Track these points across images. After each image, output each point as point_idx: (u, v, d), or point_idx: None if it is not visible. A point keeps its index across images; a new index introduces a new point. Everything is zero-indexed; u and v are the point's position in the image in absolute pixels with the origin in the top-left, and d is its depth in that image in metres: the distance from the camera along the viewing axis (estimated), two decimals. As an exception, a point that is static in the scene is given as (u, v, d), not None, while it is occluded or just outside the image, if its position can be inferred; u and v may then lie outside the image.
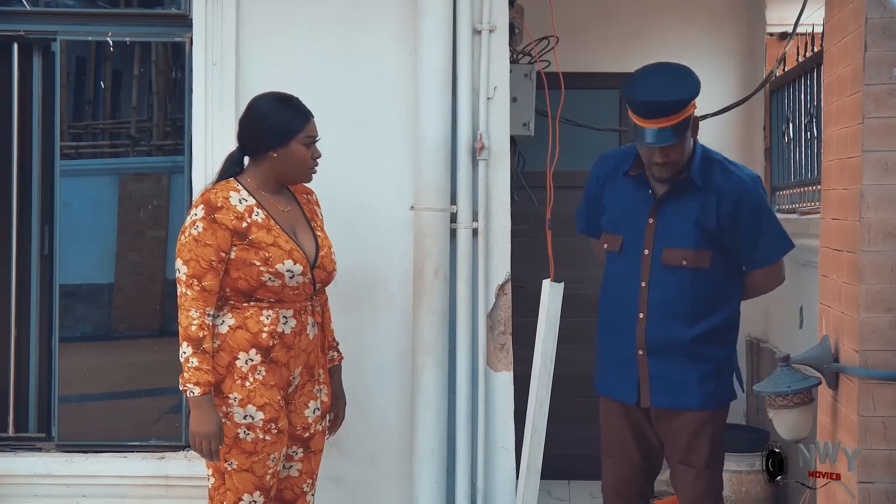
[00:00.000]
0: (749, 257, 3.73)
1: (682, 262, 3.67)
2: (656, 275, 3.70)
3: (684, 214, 3.69)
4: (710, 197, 3.67)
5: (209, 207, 3.67)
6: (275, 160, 3.76)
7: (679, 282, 3.68)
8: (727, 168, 3.76)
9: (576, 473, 6.26)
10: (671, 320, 3.69)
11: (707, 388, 3.71)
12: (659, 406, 3.73)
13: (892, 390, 3.22)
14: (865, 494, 3.24)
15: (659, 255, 3.69)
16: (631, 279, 3.74)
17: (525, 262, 4.88)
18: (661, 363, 3.71)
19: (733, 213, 3.67)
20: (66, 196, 4.82)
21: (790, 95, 5.82)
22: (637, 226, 3.74)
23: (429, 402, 4.50)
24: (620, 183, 3.81)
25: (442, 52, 4.53)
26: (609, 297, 3.85)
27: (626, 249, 3.75)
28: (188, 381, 3.58)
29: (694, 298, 3.68)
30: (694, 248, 3.67)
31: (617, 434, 3.84)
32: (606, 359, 3.87)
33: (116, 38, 4.85)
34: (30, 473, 4.74)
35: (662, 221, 3.71)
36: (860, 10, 3.25)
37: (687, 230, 3.68)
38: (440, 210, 4.52)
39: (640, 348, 3.73)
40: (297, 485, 3.89)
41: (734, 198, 3.67)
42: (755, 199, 3.72)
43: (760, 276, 3.80)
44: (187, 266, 3.64)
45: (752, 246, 3.71)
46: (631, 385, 3.75)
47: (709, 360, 3.71)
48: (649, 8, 6.68)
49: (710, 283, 3.69)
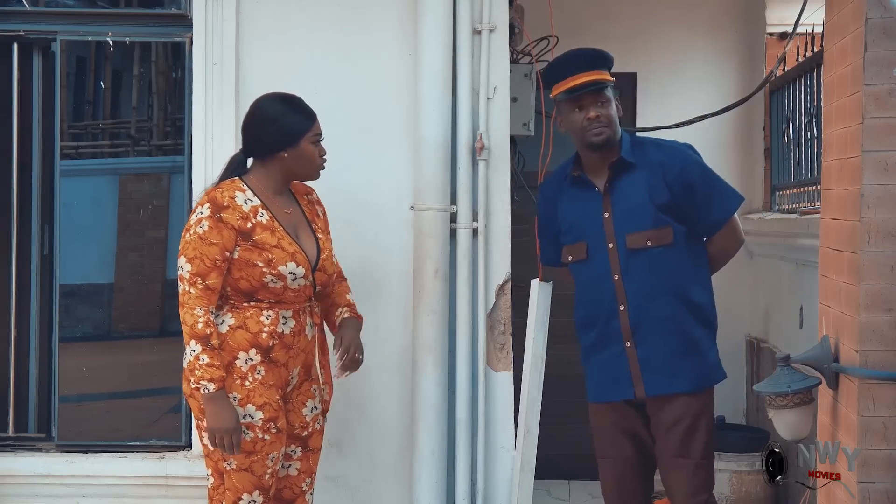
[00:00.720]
0: (706, 219, 3.79)
1: (647, 243, 3.73)
2: (626, 263, 3.75)
3: (635, 197, 3.75)
4: (655, 172, 3.76)
5: (215, 206, 3.68)
6: (285, 160, 3.78)
7: (649, 263, 3.74)
8: (659, 143, 3.88)
9: (576, 473, 6.26)
10: (651, 302, 3.74)
11: (695, 367, 3.75)
12: (654, 394, 3.74)
13: (892, 390, 3.22)
14: (865, 494, 3.23)
15: (623, 244, 3.74)
16: (604, 278, 3.78)
17: (525, 262, 4.88)
18: (648, 350, 3.74)
19: (681, 179, 3.75)
20: (66, 196, 4.82)
21: (790, 95, 5.82)
22: (595, 224, 3.79)
23: (429, 402, 4.50)
24: (568, 194, 3.88)
25: (442, 52, 4.53)
26: (586, 302, 3.87)
27: (591, 252, 3.80)
28: (201, 378, 3.59)
29: (667, 277, 3.74)
30: (654, 228, 3.73)
31: (610, 435, 3.85)
32: (595, 365, 3.88)
33: (116, 38, 4.85)
34: (30, 473, 4.74)
35: (617, 211, 3.76)
36: (860, 10, 3.25)
37: (643, 211, 3.74)
38: (440, 210, 4.52)
39: (626, 340, 3.76)
40: (295, 484, 3.90)
41: (677, 166, 3.76)
42: (697, 162, 3.82)
43: (720, 240, 3.85)
44: (191, 264, 3.64)
45: (707, 207, 3.78)
46: (625, 380, 3.77)
47: (694, 337, 3.75)
48: (649, 8, 6.69)
49: (678, 258, 3.75)
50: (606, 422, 3.86)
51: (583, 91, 3.74)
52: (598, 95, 3.75)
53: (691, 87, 6.73)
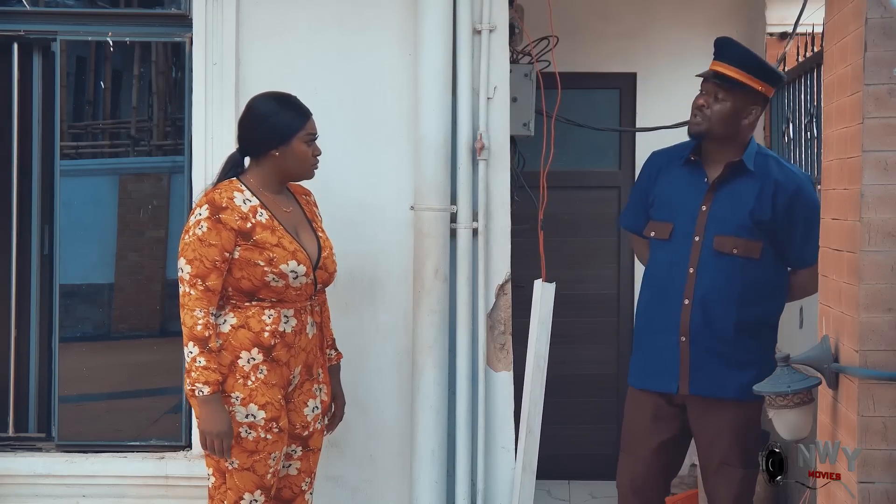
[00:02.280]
0: (799, 254, 3.75)
1: (733, 250, 3.70)
2: (706, 261, 3.71)
3: (739, 203, 3.71)
4: (767, 188, 3.72)
5: (214, 207, 3.68)
6: (277, 159, 3.77)
7: (728, 270, 3.70)
8: (783, 164, 3.84)
9: (576, 473, 6.27)
10: (717, 308, 3.71)
11: (746, 379, 3.71)
12: (698, 394, 3.72)
13: (892, 390, 3.22)
14: (865, 494, 3.23)
15: (710, 242, 3.71)
16: (679, 266, 3.74)
17: (525, 262, 4.89)
18: (702, 351, 3.72)
19: (789, 207, 3.71)
20: (66, 196, 4.82)
21: (790, 95, 5.82)
22: (689, 212, 3.76)
23: (429, 402, 4.50)
24: (675, 173, 3.85)
25: (442, 52, 4.53)
26: (653, 284, 3.84)
27: (675, 236, 3.77)
28: (196, 380, 3.59)
29: (742, 288, 3.70)
30: (746, 238, 3.70)
31: (640, 429, 3.83)
32: (645, 349, 3.85)
33: (116, 38, 4.85)
34: (30, 473, 4.74)
35: (716, 208, 3.73)
36: (860, 10, 3.24)
37: (741, 219, 3.71)
38: (440, 210, 4.52)
39: (683, 335, 3.73)
40: (295, 483, 3.90)
41: (791, 192, 3.72)
42: (811, 198, 3.78)
43: (806, 275, 3.81)
44: (191, 266, 3.64)
45: (804, 243, 3.74)
46: (671, 373, 3.75)
47: (750, 351, 3.74)
48: (649, 8, 6.68)
49: (758, 274, 3.71)
50: (641, 415, 3.83)
51: (706, 77, 3.75)
52: (717, 88, 3.72)
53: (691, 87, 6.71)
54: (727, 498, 3.75)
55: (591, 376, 6.41)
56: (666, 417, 3.79)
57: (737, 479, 3.74)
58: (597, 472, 6.03)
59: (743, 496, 3.77)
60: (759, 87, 3.71)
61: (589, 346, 6.43)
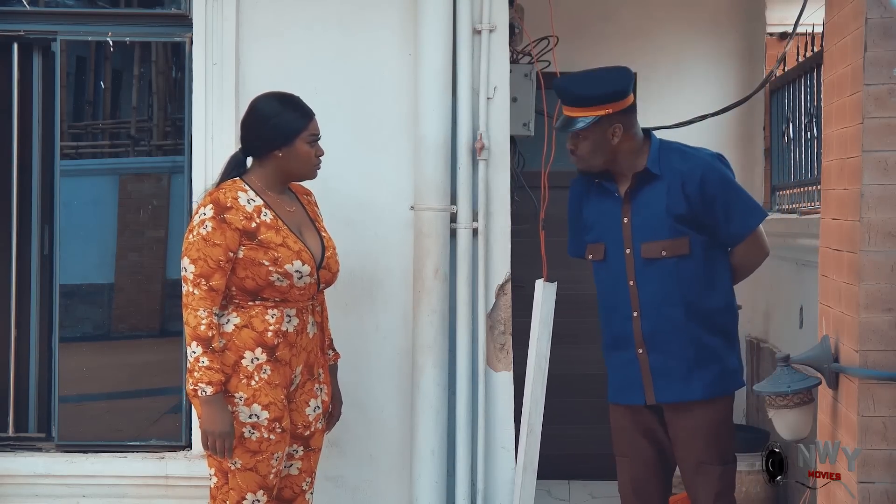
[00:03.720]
0: (727, 231, 3.78)
1: (661, 253, 3.73)
2: (641, 271, 3.75)
3: (653, 206, 3.75)
4: (675, 182, 3.74)
5: (218, 207, 3.68)
6: (280, 159, 3.78)
7: (663, 273, 3.74)
8: (686, 152, 3.84)
9: (576, 473, 6.26)
10: (664, 312, 3.74)
11: (708, 376, 3.75)
12: (664, 402, 3.75)
13: (892, 390, 3.22)
14: (865, 494, 3.23)
15: (639, 251, 3.74)
16: (619, 281, 3.79)
17: (525, 262, 4.89)
18: (661, 357, 3.75)
19: (700, 191, 3.73)
20: (66, 196, 4.82)
21: (790, 95, 5.82)
22: (614, 228, 3.80)
23: (429, 402, 4.50)
24: (594, 195, 3.89)
25: (442, 52, 4.53)
26: (603, 304, 3.91)
27: (609, 254, 3.82)
28: (199, 380, 3.59)
29: (681, 287, 3.73)
30: (670, 238, 3.73)
31: (628, 436, 3.86)
32: (612, 366, 3.91)
33: (116, 38, 4.85)
34: (30, 473, 4.74)
35: (636, 218, 3.77)
36: (860, 10, 3.24)
37: (659, 221, 3.74)
38: (440, 210, 4.52)
39: (639, 347, 3.77)
40: (296, 483, 3.90)
41: (698, 176, 3.74)
42: (718, 174, 3.78)
43: (742, 251, 3.83)
44: (195, 265, 3.64)
45: (727, 220, 3.76)
46: (637, 385, 3.79)
47: (708, 347, 3.75)
48: (649, 8, 6.68)
49: (693, 269, 3.74)
50: (624, 422, 3.88)
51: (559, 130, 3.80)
52: (572, 134, 3.76)
53: (691, 87, 6.73)
54: (708, 496, 3.76)
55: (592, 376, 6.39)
56: (647, 421, 3.82)
57: (716, 477, 3.75)
58: (597, 472, 6.02)
59: (724, 492, 3.77)
60: (607, 111, 3.72)
61: (589, 346, 6.41)
